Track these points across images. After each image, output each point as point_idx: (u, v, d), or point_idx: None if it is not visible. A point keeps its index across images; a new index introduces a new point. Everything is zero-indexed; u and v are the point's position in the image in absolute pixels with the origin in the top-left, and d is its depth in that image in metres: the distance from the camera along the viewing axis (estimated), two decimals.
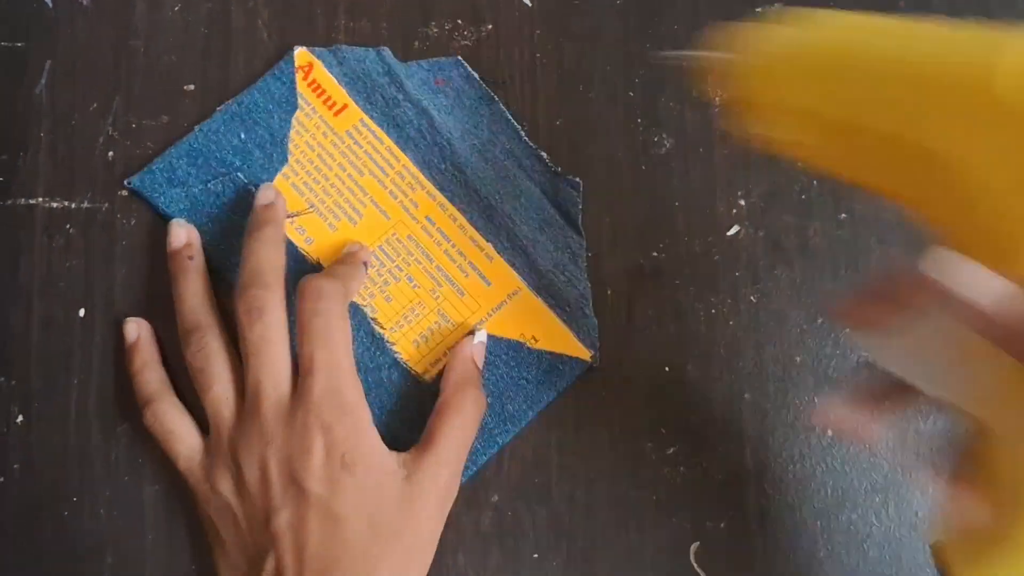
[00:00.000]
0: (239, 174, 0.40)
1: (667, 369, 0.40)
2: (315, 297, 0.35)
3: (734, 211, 0.41)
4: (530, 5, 0.42)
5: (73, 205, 0.40)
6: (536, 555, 0.38)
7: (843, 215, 0.41)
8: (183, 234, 0.38)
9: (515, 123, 0.40)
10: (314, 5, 0.42)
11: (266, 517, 0.33)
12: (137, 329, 0.38)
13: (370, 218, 0.40)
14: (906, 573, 0.39)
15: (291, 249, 0.39)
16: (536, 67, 0.42)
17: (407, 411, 0.38)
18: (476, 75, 0.41)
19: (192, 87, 0.41)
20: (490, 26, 0.42)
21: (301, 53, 0.40)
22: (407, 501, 0.34)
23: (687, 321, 0.40)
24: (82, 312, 0.39)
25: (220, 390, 0.35)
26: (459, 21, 0.42)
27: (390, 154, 0.40)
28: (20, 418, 0.39)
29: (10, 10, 0.41)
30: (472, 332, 0.39)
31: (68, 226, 0.40)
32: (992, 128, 0.22)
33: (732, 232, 0.41)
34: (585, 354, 0.39)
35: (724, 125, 0.41)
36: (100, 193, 0.40)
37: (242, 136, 0.40)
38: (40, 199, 0.40)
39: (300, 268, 0.39)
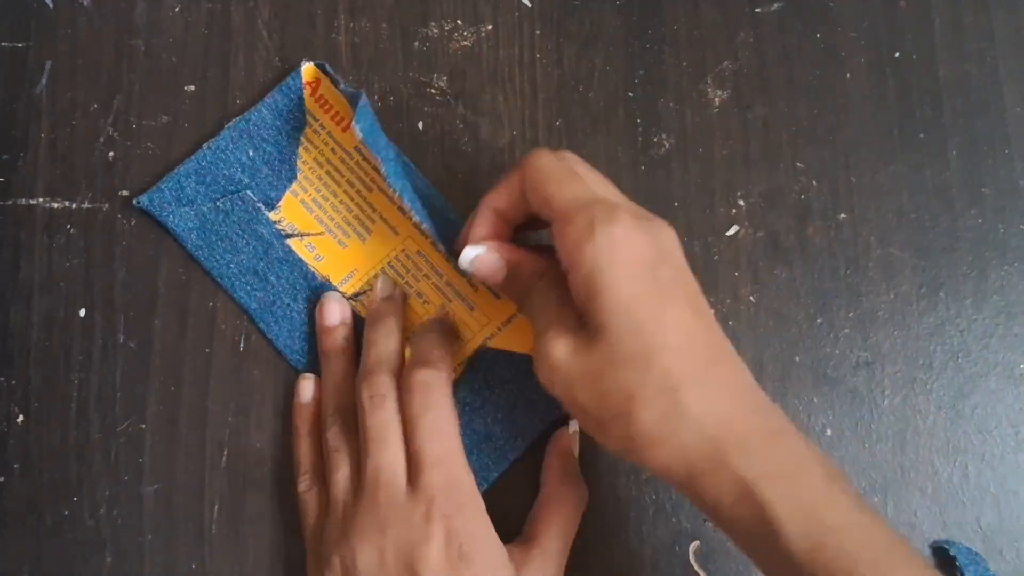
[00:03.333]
0: (248, 191, 0.39)
1: None
2: (423, 391, 0.35)
3: (734, 211, 0.41)
4: (530, 5, 0.42)
5: (73, 205, 0.40)
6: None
7: (843, 215, 0.41)
8: (337, 312, 0.39)
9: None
10: (314, 5, 0.42)
11: None
12: (311, 389, 0.38)
13: (380, 234, 0.40)
14: None
15: (300, 266, 0.39)
16: (536, 67, 0.42)
17: None
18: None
19: (192, 87, 0.41)
20: (490, 26, 0.42)
21: (308, 69, 0.40)
22: None
23: None
24: (82, 312, 0.39)
25: (346, 473, 0.35)
26: (459, 21, 0.42)
27: None
28: (20, 418, 0.39)
29: (10, 10, 0.41)
30: (566, 423, 0.38)
31: (68, 226, 0.40)
32: None
33: (732, 232, 0.41)
34: None
35: None
36: (100, 193, 0.40)
37: (250, 153, 0.40)
38: (40, 199, 0.40)
39: (310, 285, 0.39)
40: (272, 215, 0.39)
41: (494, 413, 0.39)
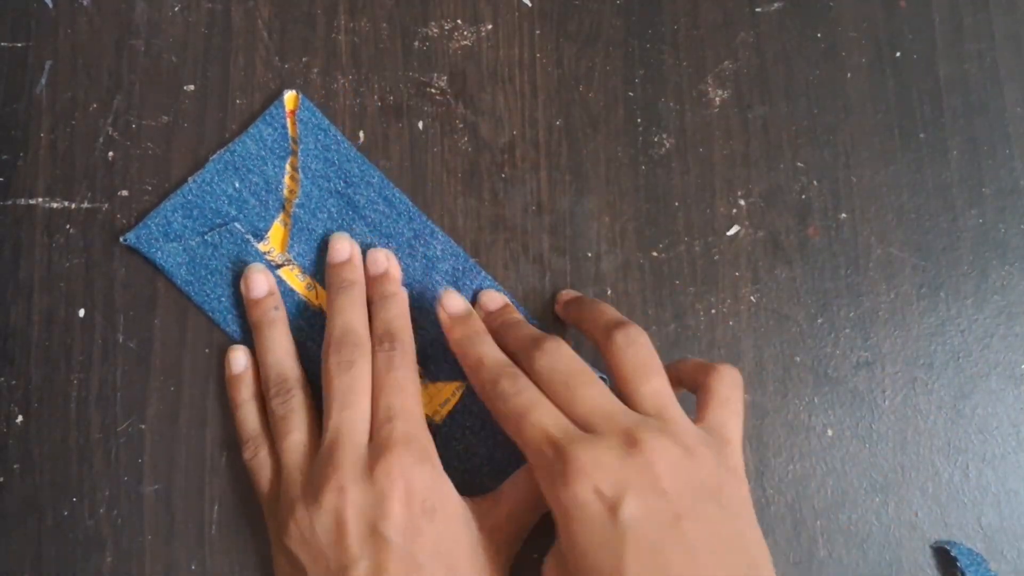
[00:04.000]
0: (236, 223, 0.39)
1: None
2: (388, 358, 0.36)
3: (734, 211, 0.41)
4: (530, 5, 0.42)
5: (73, 205, 0.40)
6: (536, 555, 0.38)
7: (843, 215, 0.41)
8: (263, 282, 0.38)
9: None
10: (314, 5, 0.42)
11: (342, 568, 0.32)
12: (245, 359, 0.38)
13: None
14: (906, 573, 0.39)
15: (292, 296, 0.39)
16: (536, 67, 0.42)
17: None
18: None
19: (192, 87, 0.41)
20: (490, 26, 0.42)
21: (291, 96, 0.40)
22: (481, 548, 0.34)
23: (687, 321, 0.40)
24: (82, 312, 0.39)
25: (298, 437, 0.35)
26: (459, 21, 0.42)
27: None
28: (20, 418, 0.39)
29: (10, 10, 0.41)
30: None
31: (68, 226, 0.40)
32: None
33: (732, 232, 0.41)
34: None
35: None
36: (100, 193, 0.40)
37: (236, 185, 0.39)
38: (40, 199, 0.40)
39: (302, 315, 0.39)
40: (261, 246, 0.39)
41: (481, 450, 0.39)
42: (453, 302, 0.38)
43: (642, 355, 0.33)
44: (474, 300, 0.39)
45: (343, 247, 0.39)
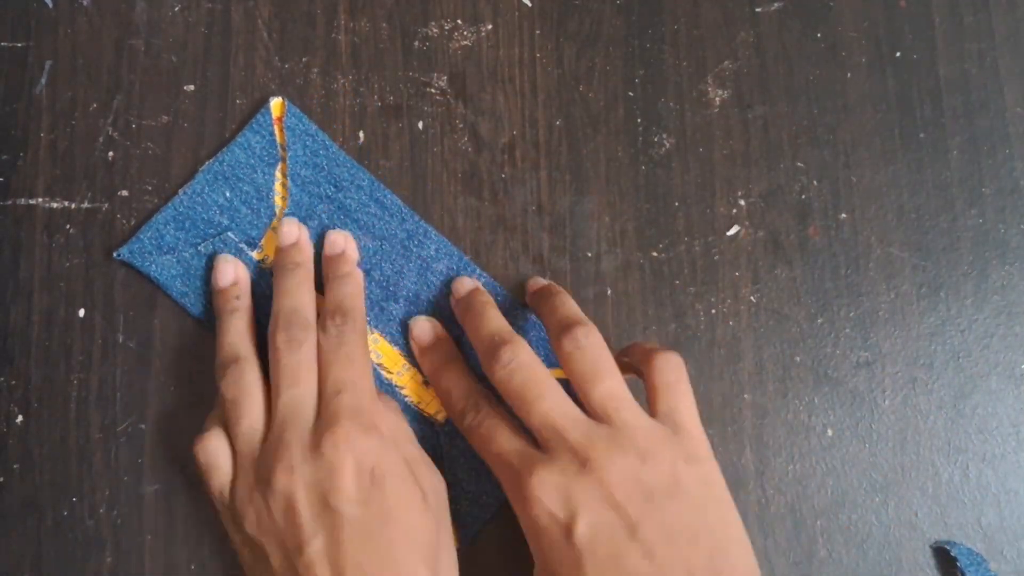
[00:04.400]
0: (228, 233, 0.39)
1: None
2: (338, 334, 0.35)
3: (734, 211, 0.41)
4: (530, 5, 0.42)
5: (73, 205, 0.40)
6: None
7: (843, 215, 0.41)
8: (230, 272, 0.38)
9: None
10: (314, 5, 0.42)
11: (298, 547, 0.32)
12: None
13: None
14: (906, 573, 0.39)
15: None
16: (536, 67, 0.42)
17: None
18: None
19: (192, 87, 0.41)
20: (490, 26, 0.42)
21: (277, 103, 0.40)
22: (431, 510, 0.34)
23: (687, 321, 0.40)
24: (82, 312, 0.39)
25: (250, 423, 0.35)
26: (459, 21, 0.42)
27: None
28: (20, 418, 0.39)
29: (10, 10, 0.41)
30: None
31: (68, 226, 0.40)
32: None
33: (732, 232, 0.41)
34: None
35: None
36: (100, 193, 0.40)
37: (227, 194, 0.39)
38: (40, 199, 0.40)
39: None
40: (256, 254, 0.39)
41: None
42: (420, 330, 0.38)
43: (591, 357, 0.34)
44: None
45: (291, 231, 0.39)
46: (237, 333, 0.37)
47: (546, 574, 0.32)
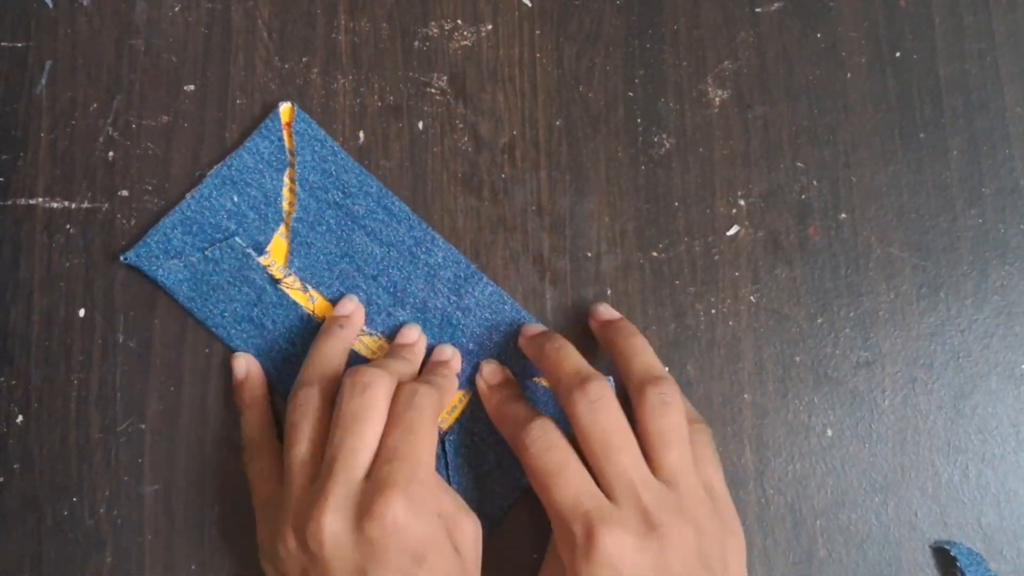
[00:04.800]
0: (236, 238, 0.39)
1: (667, 369, 0.40)
2: (410, 396, 0.34)
3: (734, 211, 0.41)
4: (530, 5, 0.42)
5: (73, 205, 0.40)
6: (536, 555, 0.38)
7: (843, 215, 0.41)
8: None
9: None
10: (314, 5, 0.42)
11: None
12: (246, 365, 0.39)
13: None
14: (906, 573, 0.39)
15: (295, 309, 0.39)
16: (536, 67, 0.42)
17: None
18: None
19: (192, 87, 0.41)
20: (490, 26, 0.42)
21: (286, 108, 0.40)
22: (466, 573, 0.34)
23: (687, 321, 0.40)
24: (82, 312, 0.39)
25: (303, 450, 0.34)
26: (459, 21, 0.42)
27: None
28: (20, 418, 0.39)
29: (10, 10, 0.41)
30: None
31: (68, 226, 0.40)
32: None
33: (732, 232, 0.41)
34: None
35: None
36: (100, 193, 0.40)
37: (235, 199, 0.39)
38: (40, 199, 0.40)
39: (306, 327, 0.39)
40: (262, 259, 0.39)
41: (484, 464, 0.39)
42: (490, 371, 0.39)
43: (675, 419, 0.34)
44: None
45: (411, 334, 0.39)
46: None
47: None
